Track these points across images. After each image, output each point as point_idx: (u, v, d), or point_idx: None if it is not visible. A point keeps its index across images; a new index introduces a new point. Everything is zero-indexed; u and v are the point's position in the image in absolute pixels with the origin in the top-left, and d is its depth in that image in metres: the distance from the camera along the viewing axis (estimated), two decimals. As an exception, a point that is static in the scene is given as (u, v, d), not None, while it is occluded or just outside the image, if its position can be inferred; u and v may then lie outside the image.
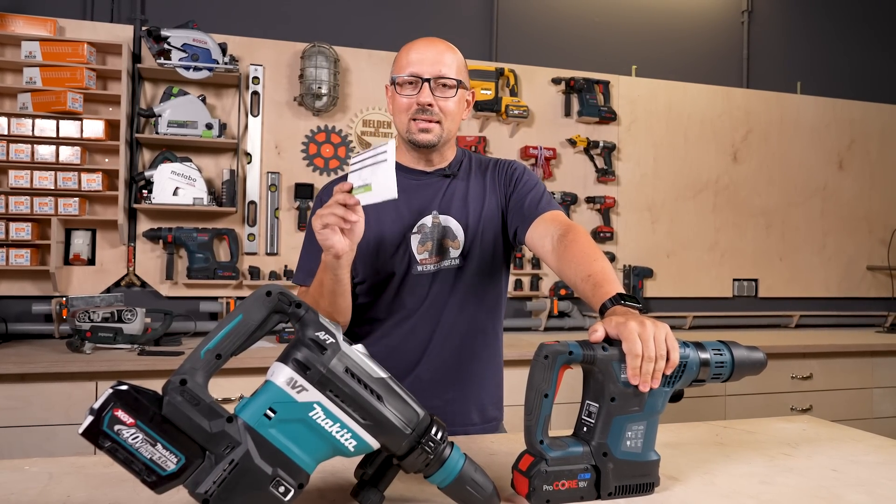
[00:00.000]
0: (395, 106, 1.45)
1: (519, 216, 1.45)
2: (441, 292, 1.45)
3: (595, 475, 0.97)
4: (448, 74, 1.41)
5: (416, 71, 1.40)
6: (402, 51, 1.45)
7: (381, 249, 1.43)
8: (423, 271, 1.44)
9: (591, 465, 0.97)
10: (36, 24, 2.93)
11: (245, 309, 0.83)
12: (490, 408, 1.53)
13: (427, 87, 1.39)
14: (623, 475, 0.98)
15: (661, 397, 0.99)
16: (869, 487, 1.04)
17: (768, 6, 4.22)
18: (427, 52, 1.41)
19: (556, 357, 0.95)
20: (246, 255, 3.23)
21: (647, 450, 0.99)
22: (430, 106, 1.39)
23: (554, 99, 3.70)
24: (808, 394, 3.29)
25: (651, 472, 1.00)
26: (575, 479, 0.96)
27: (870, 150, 4.29)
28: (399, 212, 1.45)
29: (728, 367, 1.03)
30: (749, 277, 4.02)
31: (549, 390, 0.95)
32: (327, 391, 0.81)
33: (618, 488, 0.97)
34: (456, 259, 1.45)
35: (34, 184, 2.84)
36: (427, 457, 0.85)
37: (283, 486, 0.80)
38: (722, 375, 1.03)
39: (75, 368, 2.40)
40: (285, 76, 3.29)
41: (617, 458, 0.97)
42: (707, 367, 1.01)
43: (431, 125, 1.42)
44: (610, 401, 0.96)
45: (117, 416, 0.75)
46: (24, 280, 2.97)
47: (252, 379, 2.42)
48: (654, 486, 1.01)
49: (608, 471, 0.97)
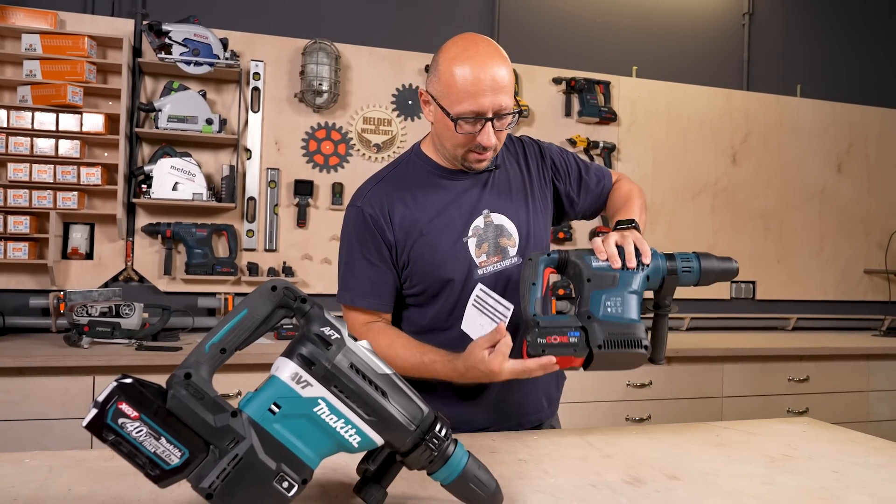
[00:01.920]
0: (445, 134, 1.34)
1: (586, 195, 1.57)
2: (508, 292, 1.40)
3: (584, 334, 1.14)
4: (508, 106, 1.29)
5: (478, 109, 1.27)
6: (454, 73, 1.27)
7: (437, 257, 1.37)
8: (484, 274, 1.39)
9: (579, 327, 1.15)
10: (36, 17, 2.92)
11: (250, 303, 0.83)
12: (552, 389, 1.53)
13: (489, 125, 1.29)
14: (609, 331, 1.14)
15: (632, 277, 1.18)
16: (870, 489, 1.04)
17: (769, 9, 4.23)
18: (485, 78, 1.26)
19: (539, 258, 1.22)
20: (245, 252, 3.22)
21: (627, 314, 1.15)
22: (491, 145, 1.31)
23: (554, 99, 3.70)
24: (804, 396, 3.30)
25: (636, 329, 1.15)
26: (566, 335, 1.14)
27: (868, 154, 4.30)
28: (450, 216, 1.40)
29: (695, 266, 1.22)
30: (747, 279, 4.03)
31: (536, 280, 1.19)
32: (332, 387, 0.81)
33: (606, 342, 1.13)
34: (515, 258, 1.41)
35: (33, 177, 2.83)
36: (431, 453, 0.85)
37: (286, 481, 0.79)
38: (691, 272, 1.22)
39: (72, 363, 2.39)
40: (286, 72, 3.29)
41: (601, 319, 1.15)
42: (674, 261, 1.21)
43: (488, 155, 1.35)
44: (587, 281, 1.18)
45: (121, 410, 0.74)
46: (22, 273, 2.96)
47: (250, 375, 2.41)
48: (642, 342, 1.15)
49: (594, 328, 1.14)
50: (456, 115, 1.28)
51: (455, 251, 1.38)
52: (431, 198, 1.40)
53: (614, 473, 1.08)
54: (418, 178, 1.43)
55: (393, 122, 3.44)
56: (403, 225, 1.38)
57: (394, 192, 1.40)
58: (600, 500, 0.97)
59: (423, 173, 1.43)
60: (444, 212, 1.39)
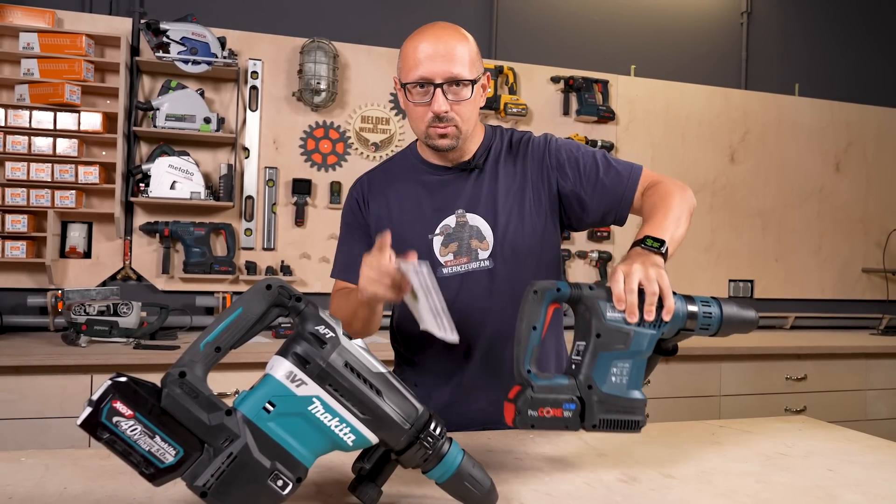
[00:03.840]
0: (408, 112, 1.36)
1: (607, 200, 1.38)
2: (473, 296, 1.36)
3: (580, 406, 0.99)
4: (462, 74, 1.29)
5: (426, 74, 1.28)
6: (408, 45, 1.32)
7: (399, 251, 1.31)
8: (448, 274, 1.36)
9: (577, 397, 0.99)
10: (34, 16, 2.92)
11: (245, 302, 0.83)
12: None
13: (440, 92, 1.28)
14: (608, 409, 0.99)
15: (646, 339, 1.00)
16: (865, 487, 1.04)
17: (767, 8, 4.23)
18: (435, 46, 1.28)
19: (545, 293, 0.99)
20: (242, 250, 3.22)
21: (633, 388, 1.01)
22: (445, 113, 1.30)
23: (552, 97, 3.70)
24: (802, 395, 3.30)
25: (636, 409, 1.01)
26: (560, 407, 0.98)
27: (866, 153, 4.30)
28: (421, 211, 1.39)
29: (716, 318, 1.05)
30: (745, 278, 4.03)
31: (537, 323, 0.98)
32: (326, 385, 0.81)
33: (602, 421, 0.99)
34: (486, 261, 1.36)
35: (31, 176, 2.83)
36: (425, 452, 0.85)
37: (281, 479, 0.80)
38: (710, 327, 1.05)
39: (70, 361, 2.39)
40: (284, 71, 3.29)
41: (602, 392, 0.99)
42: (694, 319, 1.03)
43: (448, 129, 1.32)
44: (596, 337, 0.99)
45: (116, 408, 0.75)
46: (20, 272, 2.96)
47: (246, 374, 2.40)
48: (640, 424, 1.01)
49: (592, 403, 0.98)
50: (405, 82, 1.31)
51: (417, 247, 1.27)
52: (408, 191, 1.43)
53: (609, 472, 1.08)
54: (404, 171, 1.47)
55: (391, 120, 3.44)
56: (377, 213, 1.44)
57: (378, 181, 1.47)
58: (595, 499, 0.97)
59: (408, 167, 1.47)
60: (416, 206, 1.41)
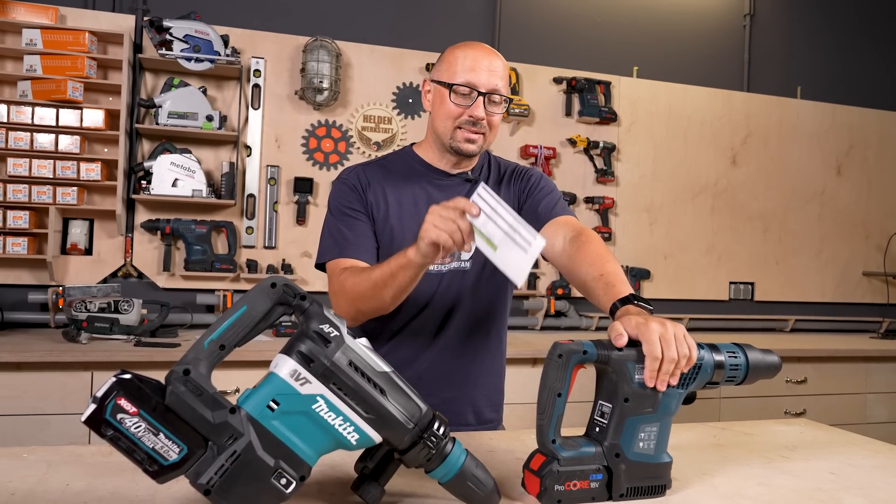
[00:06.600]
0: (441, 109, 1.43)
1: (532, 218, 1.43)
2: (449, 292, 1.45)
3: (607, 476, 0.96)
4: (502, 90, 1.40)
5: (473, 81, 1.38)
6: (456, 53, 1.42)
7: (396, 244, 1.42)
8: (433, 272, 1.44)
9: (604, 466, 0.96)
10: (37, 12, 2.92)
11: (249, 300, 0.83)
12: (487, 410, 1.52)
13: (482, 100, 1.38)
14: (635, 477, 0.96)
15: (675, 399, 0.98)
16: (867, 491, 1.04)
17: (770, 11, 4.23)
18: (483, 60, 1.39)
19: (571, 356, 0.94)
20: (244, 248, 3.22)
21: (660, 451, 0.98)
22: (481, 119, 1.39)
23: (555, 98, 3.70)
24: (802, 398, 3.30)
25: (663, 474, 0.99)
26: (587, 479, 0.95)
27: (868, 156, 4.30)
28: (417, 210, 1.45)
29: (742, 369, 1.03)
30: (745, 281, 4.03)
31: (562, 389, 0.94)
32: (331, 384, 0.81)
33: (630, 490, 0.96)
34: (466, 262, 1.46)
35: (32, 172, 2.83)
36: (429, 451, 0.85)
37: (284, 477, 0.80)
38: (736, 378, 1.03)
39: (71, 358, 2.39)
40: (286, 70, 3.29)
41: (629, 460, 0.96)
42: (721, 369, 1.00)
43: (477, 136, 1.41)
44: (623, 401, 0.95)
45: (120, 405, 0.74)
46: (21, 269, 2.95)
47: (249, 372, 2.41)
48: (665, 488, 1.00)
49: (620, 472, 0.96)
50: (452, 82, 1.38)
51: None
52: (407, 189, 1.47)
53: (611, 473, 1.08)
54: (402, 169, 1.51)
55: (393, 120, 3.44)
56: (375, 201, 1.46)
57: (375, 175, 1.50)
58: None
59: (407, 168, 1.51)
60: (413, 205, 1.45)
